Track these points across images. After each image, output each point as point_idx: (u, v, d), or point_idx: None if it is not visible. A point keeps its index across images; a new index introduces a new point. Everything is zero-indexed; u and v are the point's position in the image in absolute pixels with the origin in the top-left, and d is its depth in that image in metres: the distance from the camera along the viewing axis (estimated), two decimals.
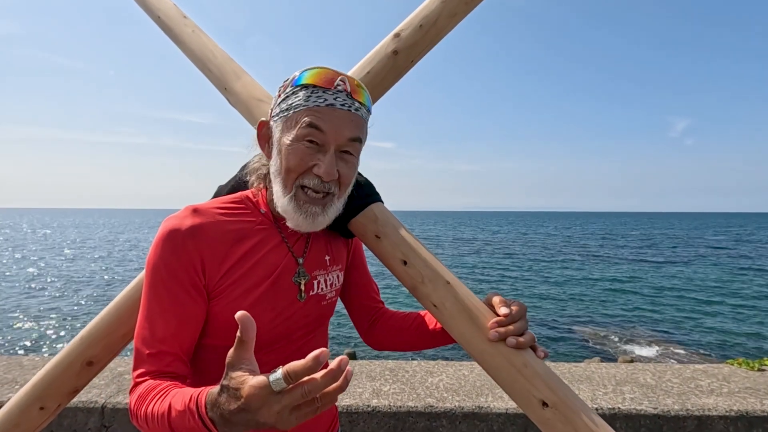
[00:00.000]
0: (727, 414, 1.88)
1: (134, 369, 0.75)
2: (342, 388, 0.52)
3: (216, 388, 0.57)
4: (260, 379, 0.52)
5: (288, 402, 0.51)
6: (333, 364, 0.50)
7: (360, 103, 0.83)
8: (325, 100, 0.79)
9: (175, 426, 0.62)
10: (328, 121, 0.79)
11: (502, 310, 0.82)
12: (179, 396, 0.64)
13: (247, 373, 0.54)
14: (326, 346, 1.03)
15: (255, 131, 0.90)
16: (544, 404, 0.75)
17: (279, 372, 0.51)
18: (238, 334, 0.55)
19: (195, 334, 0.80)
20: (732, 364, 2.45)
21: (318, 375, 0.51)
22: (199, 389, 0.62)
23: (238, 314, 0.55)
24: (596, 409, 1.92)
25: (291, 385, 0.51)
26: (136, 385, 0.73)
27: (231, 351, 0.56)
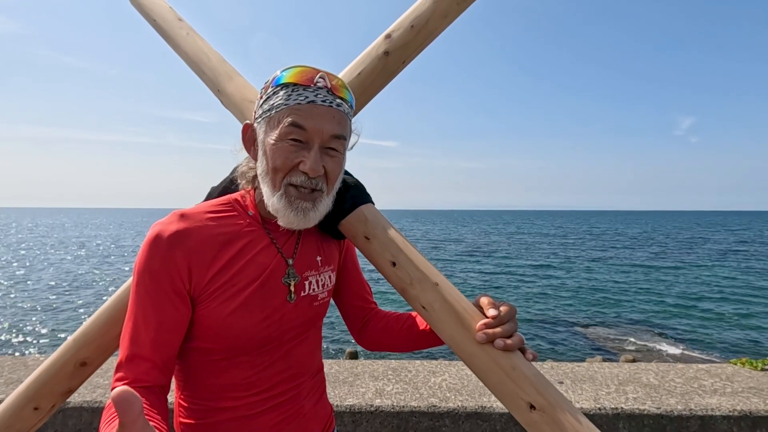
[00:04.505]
0: (731, 414, 1.86)
1: (115, 372, 0.76)
2: None
3: None
4: None
5: None
6: None
7: (341, 99, 0.83)
8: (306, 97, 0.79)
9: None
10: (310, 119, 0.79)
11: (491, 312, 0.81)
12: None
13: None
14: (319, 347, 1.03)
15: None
16: (532, 407, 0.75)
17: None
18: (119, 416, 0.46)
19: (176, 341, 0.80)
20: (735, 364, 2.42)
21: None
22: None
23: (113, 394, 0.45)
24: (599, 409, 1.90)
25: None
26: (113, 390, 0.73)
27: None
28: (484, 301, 0.85)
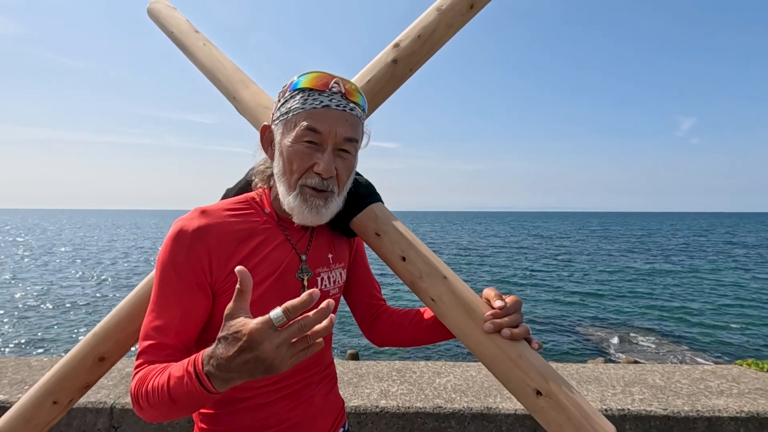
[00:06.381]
0: (738, 415, 1.86)
1: (136, 359, 0.79)
2: (327, 329, 0.61)
3: (212, 346, 0.64)
4: (263, 317, 0.60)
5: (286, 336, 0.59)
6: (323, 304, 0.60)
7: (354, 103, 0.88)
8: (321, 102, 0.84)
9: (173, 393, 0.67)
10: (324, 122, 0.84)
11: (497, 303, 0.85)
12: (179, 365, 0.69)
13: (246, 319, 0.62)
14: (330, 343, 1.07)
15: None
16: (539, 393, 0.78)
17: (279, 309, 0.60)
18: (237, 285, 0.63)
19: (196, 330, 0.84)
20: (741, 365, 2.42)
21: (311, 312, 0.60)
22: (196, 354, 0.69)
23: (238, 268, 0.63)
24: (605, 410, 1.91)
25: (289, 321, 0.60)
26: (136, 373, 0.77)
27: (230, 304, 0.64)
28: (490, 293, 0.89)
